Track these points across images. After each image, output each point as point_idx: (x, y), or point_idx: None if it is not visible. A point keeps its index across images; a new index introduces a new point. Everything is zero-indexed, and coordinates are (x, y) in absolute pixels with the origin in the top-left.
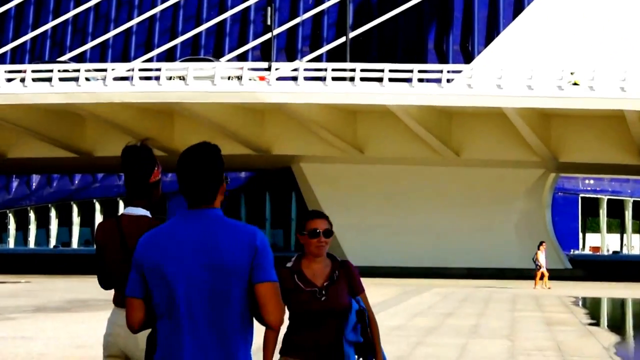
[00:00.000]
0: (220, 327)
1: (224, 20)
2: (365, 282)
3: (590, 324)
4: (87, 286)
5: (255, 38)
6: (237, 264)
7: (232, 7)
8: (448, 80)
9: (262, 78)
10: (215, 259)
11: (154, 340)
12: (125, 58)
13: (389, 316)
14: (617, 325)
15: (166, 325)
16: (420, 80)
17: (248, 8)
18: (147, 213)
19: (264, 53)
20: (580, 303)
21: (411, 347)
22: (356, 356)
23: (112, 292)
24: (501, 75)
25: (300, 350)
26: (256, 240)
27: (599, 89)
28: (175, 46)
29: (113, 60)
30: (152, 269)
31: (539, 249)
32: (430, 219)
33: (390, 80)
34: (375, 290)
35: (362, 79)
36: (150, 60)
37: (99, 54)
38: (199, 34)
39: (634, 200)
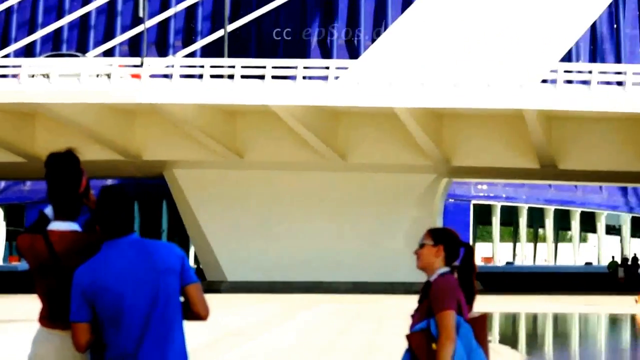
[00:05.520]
0: (167, 321)
1: (89, 12)
2: (246, 298)
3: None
4: None
5: (123, 31)
6: (173, 265)
7: None
8: (335, 78)
9: (136, 76)
10: (154, 262)
11: (101, 344)
12: None
13: (277, 336)
14: (520, 342)
15: (118, 331)
16: (305, 77)
17: None
18: (77, 227)
19: (132, 48)
20: None
21: None
22: None
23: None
24: (392, 72)
25: None
26: (178, 250)
27: (496, 85)
28: (34, 41)
29: None
30: (95, 292)
31: None
32: (314, 228)
33: (273, 77)
34: (256, 308)
35: (243, 77)
36: (7, 56)
37: None
38: (61, 27)
39: (528, 207)
